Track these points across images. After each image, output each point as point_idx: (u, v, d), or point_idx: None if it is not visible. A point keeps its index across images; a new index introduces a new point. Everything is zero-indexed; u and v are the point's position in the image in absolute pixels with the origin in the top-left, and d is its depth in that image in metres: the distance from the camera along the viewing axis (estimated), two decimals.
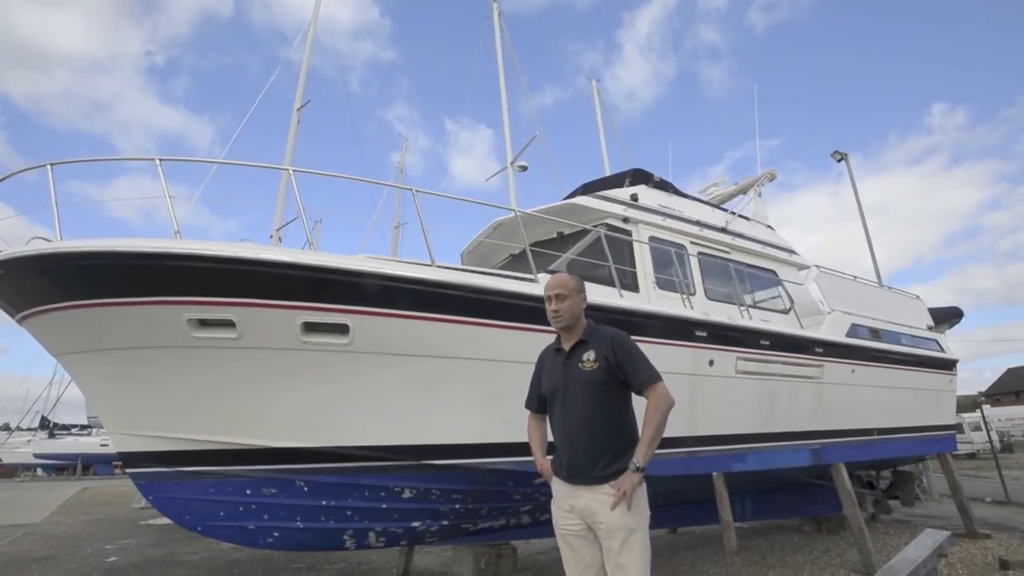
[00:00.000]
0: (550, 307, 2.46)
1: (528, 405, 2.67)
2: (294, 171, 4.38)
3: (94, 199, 45.63)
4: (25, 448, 29.58)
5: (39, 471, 30.73)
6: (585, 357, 2.37)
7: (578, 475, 2.31)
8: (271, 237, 11.16)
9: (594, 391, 2.33)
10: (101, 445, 27.74)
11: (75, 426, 31.59)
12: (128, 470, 4.29)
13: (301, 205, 4.36)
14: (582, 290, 2.52)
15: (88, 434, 29.70)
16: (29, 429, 31.11)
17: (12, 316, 4.13)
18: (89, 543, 8.19)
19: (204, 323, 3.70)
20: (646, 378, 2.32)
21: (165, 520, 8.90)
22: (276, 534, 4.10)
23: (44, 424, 30.91)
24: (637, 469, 2.22)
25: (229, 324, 3.68)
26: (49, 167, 3.78)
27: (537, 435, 2.62)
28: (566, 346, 2.47)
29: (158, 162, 3.88)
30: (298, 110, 12.52)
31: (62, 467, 30.23)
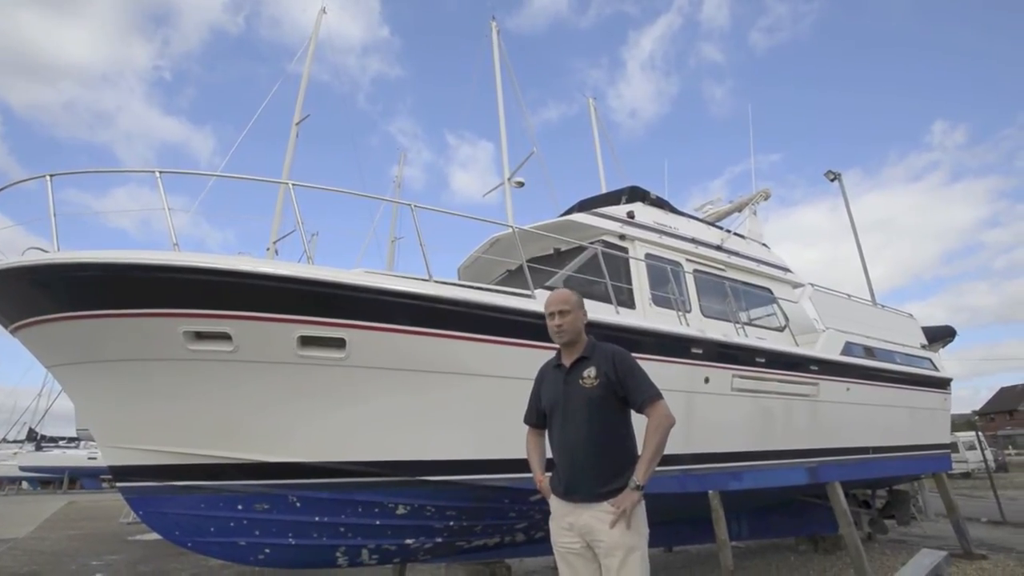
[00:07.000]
0: (552, 322, 2.47)
1: (527, 420, 2.66)
2: (293, 185, 4.39)
3: (92, 209, 45.61)
4: (11, 461, 29.08)
5: (24, 484, 30.20)
6: (586, 374, 2.37)
7: (577, 492, 2.30)
8: (268, 250, 11.15)
9: (594, 408, 2.33)
10: (89, 458, 27.31)
11: (63, 438, 31.13)
12: (118, 484, 4.22)
13: (299, 218, 4.37)
14: (583, 306, 2.54)
15: (76, 447, 29.25)
16: (16, 441, 30.63)
17: (5, 327, 4.09)
18: (74, 559, 8.03)
19: (200, 336, 3.67)
20: (647, 396, 2.32)
21: (153, 536, 8.77)
22: (267, 551, 4.04)
23: (32, 436, 30.45)
24: (637, 487, 2.21)
25: (225, 337, 3.66)
26: (48, 178, 3.78)
27: (536, 451, 2.61)
28: (566, 362, 2.47)
29: (158, 175, 3.88)
30: (297, 124, 12.60)
31: (48, 480, 29.72)
